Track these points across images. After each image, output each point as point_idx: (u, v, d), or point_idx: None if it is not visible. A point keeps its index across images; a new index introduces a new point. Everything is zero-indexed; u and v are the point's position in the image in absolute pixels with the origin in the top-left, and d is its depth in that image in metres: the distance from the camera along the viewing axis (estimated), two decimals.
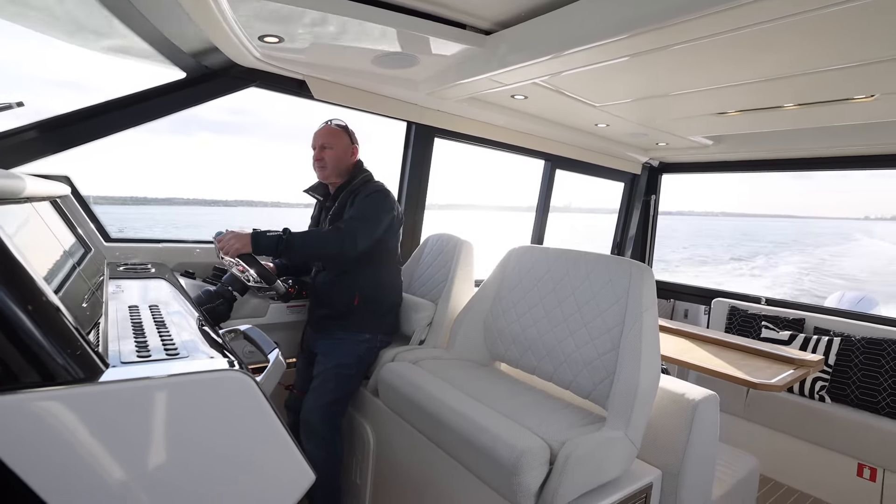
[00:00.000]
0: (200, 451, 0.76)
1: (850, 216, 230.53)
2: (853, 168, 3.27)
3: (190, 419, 0.75)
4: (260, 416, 0.82)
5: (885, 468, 2.46)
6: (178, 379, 0.74)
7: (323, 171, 2.02)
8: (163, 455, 0.73)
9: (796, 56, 1.76)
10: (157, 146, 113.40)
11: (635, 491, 1.43)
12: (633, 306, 1.53)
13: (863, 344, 2.76)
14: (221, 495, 0.79)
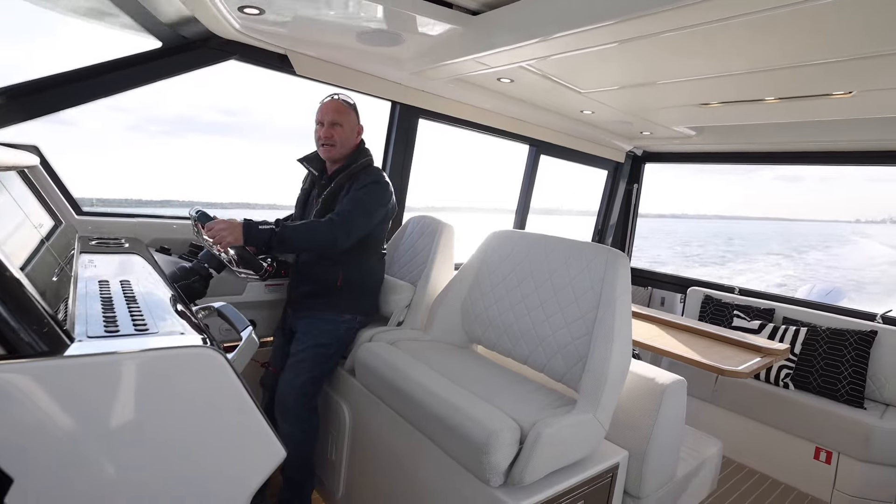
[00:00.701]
0: (169, 427, 0.77)
1: (840, 219, 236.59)
2: (831, 163, 3.34)
3: (158, 395, 0.75)
4: (230, 394, 0.82)
5: (840, 452, 2.57)
6: (146, 354, 0.74)
7: (330, 150, 1.92)
8: (130, 431, 0.73)
9: (777, 49, 1.78)
10: (152, 147, 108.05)
11: (602, 471, 1.47)
12: (607, 293, 1.56)
13: (827, 334, 2.86)
14: (190, 471, 0.80)
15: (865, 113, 2.58)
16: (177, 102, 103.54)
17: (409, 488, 1.57)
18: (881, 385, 2.78)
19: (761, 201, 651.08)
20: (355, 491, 1.87)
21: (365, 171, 1.96)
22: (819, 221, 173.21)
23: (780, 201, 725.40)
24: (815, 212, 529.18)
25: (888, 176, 72.52)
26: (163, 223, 2.15)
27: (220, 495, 0.83)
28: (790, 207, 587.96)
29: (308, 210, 2.06)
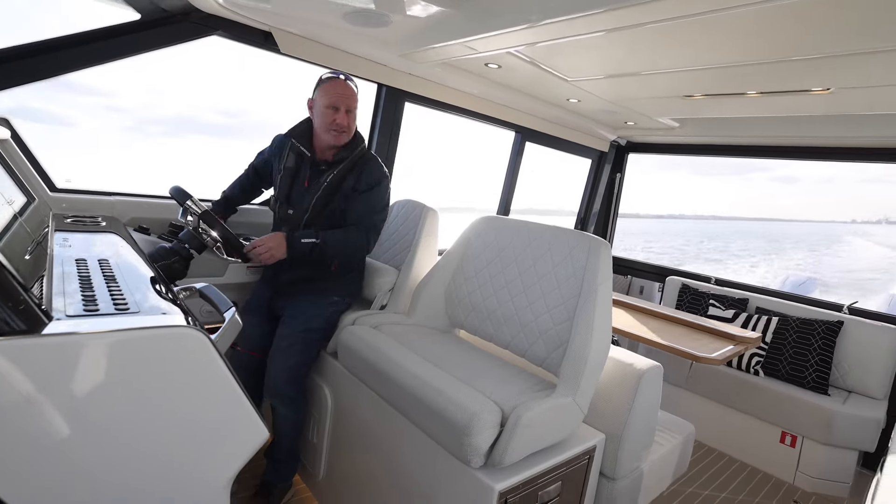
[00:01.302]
0: (151, 407, 0.76)
1: (838, 220, 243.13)
2: (810, 158, 3.41)
3: (140, 375, 0.74)
4: (214, 374, 0.82)
5: (804, 436, 2.68)
6: (129, 334, 0.73)
7: (342, 136, 1.85)
8: (111, 411, 0.72)
9: (759, 44, 1.80)
10: (151, 147, 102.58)
11: (579, 453, 1.51)
12: (589, 280, 1.58)
13: (797, 324, 2.96)
14: (172, 452, 0.80)
15: (843, 110, 2.64)
16: (176, 103, 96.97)
17: (391, 470, 1.59)
18: (845, 373, 2.89)
19: (760, 203, 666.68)
20: (337, 473, 1.89)
21: (368, 164, 1.93)
22: (815, 222, 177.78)
23: (777, 202, 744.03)
24: (810, 212, 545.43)
25: (883, 176, 73.02)
26: (141, 202, 2.10)
27: (203, 476, 0.83)
28: (786, 208, 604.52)
29: (295, 194, 1.95)
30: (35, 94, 1.92)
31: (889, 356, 2.80)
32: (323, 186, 1.89)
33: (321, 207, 1.90)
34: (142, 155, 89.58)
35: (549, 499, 1.44)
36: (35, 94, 1.92)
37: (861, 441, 2.60)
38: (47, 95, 12.96)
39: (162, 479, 0.80)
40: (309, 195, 1.91)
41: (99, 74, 1.86)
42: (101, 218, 1.70)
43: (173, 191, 1.79)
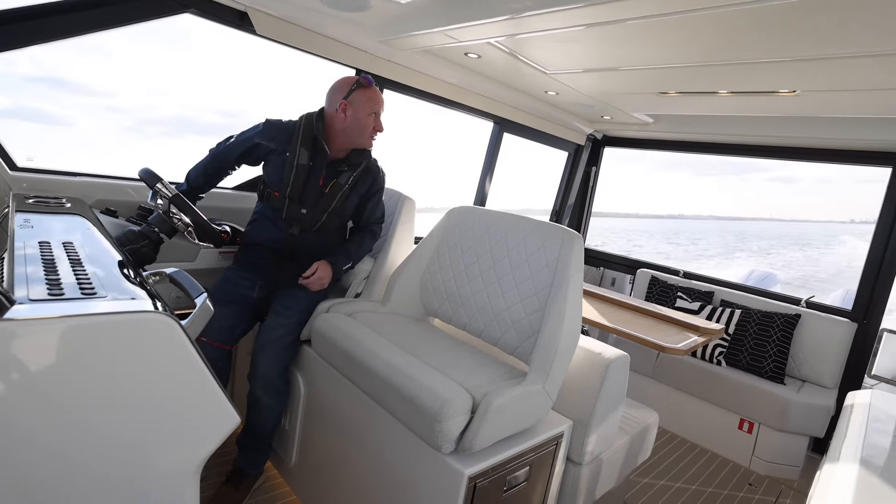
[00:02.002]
0: (119, 393, 0.75)
1: (834, 219, 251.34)
2: (777, 157, 3.52)
3: (108, 361, 0.73)
4: (184, 360, 0.81)
5: (761, 423, 2.82)
6: (96, 319, 0.71)
7: (372, 142, 1.99)
8: (78, 396, 0.71)
9: (732, 45, 1.85)
10: (150, 147, 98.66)
11: (547, 439, 1.56)
12: (561, 271, 1.61)
13: (758, 316, 3.08)
14: (141, 438, 0.79)
15: (808, 112, 2.74)
16: (175, 104, 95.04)
17: (363, 456, 1.61)
18: (800, 363, 3.04)
19: (760, 203, 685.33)
20: (308, 459, 1.89)
21: (375, 167, 2.04)
22: (814, 222, 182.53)
23: (774, 202, 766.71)
24: (810, 212, 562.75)
25: (877, 177, 78.62)
26: (109, 184, 2.04)
27: (173, 461, 0.83)
28: (784, 208, 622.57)
29: (309, 191, 1.88)
30: (33, 94, 1.84)
31: (841, 348, 2.95)
32: (343, 189, 1.92)
33: (335, 208, 1.93)
34: (140, 156, 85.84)
35: (518, 483, 1.48)
36: (33, 94, 1.84)
37: (812, 427, 2.74)
38: (46, 95, 12.01)
39: (131, 464, 0.79)
40: (328, 197, 1.90)
41: (99, 74, 1.78)
42: (66, 199, 1.65)
43: (143, 173, 1.75)
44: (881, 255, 3.00)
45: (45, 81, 53.79)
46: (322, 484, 1.80)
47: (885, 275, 2.99)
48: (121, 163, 2.25)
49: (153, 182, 1.70)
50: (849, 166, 3.31)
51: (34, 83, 52.45)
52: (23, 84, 50.91)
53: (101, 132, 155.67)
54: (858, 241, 51.63)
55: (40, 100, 64.68)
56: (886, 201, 3.01)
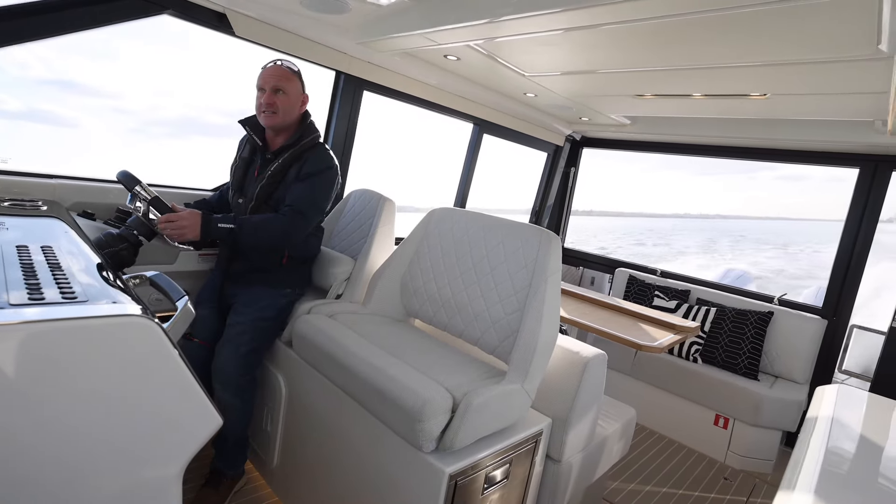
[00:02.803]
0: (102, 397, 0.76)
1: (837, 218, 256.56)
2: (749, 158, 3.62)
3: (91, 365, 0.73)
4: (167, 363, 0.82)
5: (736, 418, 2.90)
6: (78, 323, 0.72)
7: (273, 117, 1.86)
8: (61, 401, 0.72)
9: (704, 50, 1.91)
10: (154, 148, 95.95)
11: (527, 437, 1.59)
12: (539, 271, 1.65)
13: (733, 314, 3.16)
14: (124, 441, 0.80)
15: (779, 114, 2.83)
16: (180, 105, 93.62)
17: (344, 456, 1.62)
18: (773, 359, 3.13)
19: (768, 202, 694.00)
20: (289, 460, 1.90)
21: (314, 153, 1.93)
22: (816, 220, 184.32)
23: (782, 201, 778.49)
24: (817, 211, 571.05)
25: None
26: (85, 186, 2.01)
27: (156, 464, 0.84)
28: (789, 207, 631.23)
29: (247, 183, 1.98)
30: (44, 97, 1.84)
31: (812, 344, 3.05)
32: (268, 175, 1.90)
33: (265, 196, 1.91)
34: (144, 156, 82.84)
35: (498, 480, 1.51)
36: (44, 97, 1.84)
37: (784, 422, 2.83)
38: (56, 97, 11.83)
39: (114, 467, 0.80)
40: (255, 183, 1.93)
41: (106, 77, 1.81)
42: (42, 202, 1.63)
43: (121, 175, 1.73)
44: (849, 253, 3.11)
45: (56, 84, 52.47)
46: (304, 485, 1.81)
47: (854, 272, 3.09)
48: (125, 165, 2.24)
49: (132, 185, 1.69)
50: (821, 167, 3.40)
51: (46, 86, 51.06)
52: (35, 86, 49.76)
53: (107, 133, 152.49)
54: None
55: (50, 102, 63.75)
56: (854, 201, 3.12)
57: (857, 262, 3.08)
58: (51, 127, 62.69)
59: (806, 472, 1.20)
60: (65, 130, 63.48)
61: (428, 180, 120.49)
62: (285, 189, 1.91)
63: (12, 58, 1.42)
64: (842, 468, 1.23)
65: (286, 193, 1.90)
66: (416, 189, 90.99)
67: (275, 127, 1.90)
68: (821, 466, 1.21)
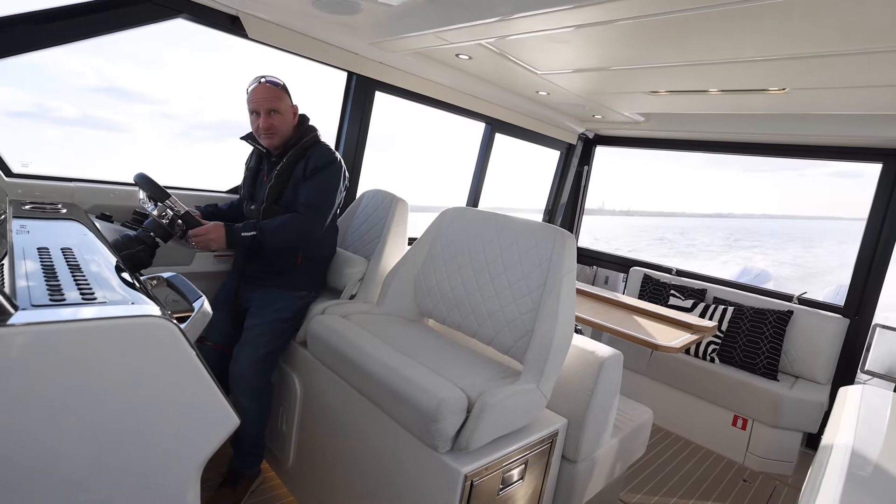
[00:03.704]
0: (121, 397, 0.76)
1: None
2: (766, 155, 3.55)
3: (110, 365, 0.74)
4: (184, 364, 0.83)
5: (755, 419, 2.84)
6: (99, 324, 0.72)
7: (272, 138, 1.91)
8: (81, 400, 0.73)
9: (721, 44, 1.88)
10: (196, 151, 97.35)
11: (543, 437, 1.57)
12: (554, 270, 1.63)
13: (751, 313, 3.11)
14: (142, 441, 0.80)
15: (797, 109, 2.77)
16: (220, 109, 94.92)
17: (359, 457, 1.62)
18: (793, 359, 3.07)
19: (823, 200, 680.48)
20: (305, 460, 1.90)
21: (316, 149, 1.95)
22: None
23: (839, 198, 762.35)
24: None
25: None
26: (103, 188, 2.04)
27: (174, 463, 0.84)
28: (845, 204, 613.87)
29: (258, 189, 2.02)
30: (98, 104, 1.90)
31: (833, 343, 2.99)
32: (275, 175, 1.93)
33: (274, 198, 1.94)
34: (187, 159, 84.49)
35: (513, 481, 1.50)
36: (98, 104, 1.90)
37: (805, 423, 2.77)
38: (108, 104, 12.32)
39: (133, 466, 0.81)
40: (265, 186, 1.96)
41: (154, 83, 1.89)
42: (62, 205, 1.65)
43: (138, 178, 1.75)
44: (872, 250, 3.04)
45: (109, 91, 54.60)
46: (319, 485, 1.82)
47: (877, 270, 3.02)
48: (167, 167, 2.31)
49: (162, 197, 1.71)
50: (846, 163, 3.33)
51: (99, 93, 53.33)
52: (89, 94, 52.13)
53: (156, 138, 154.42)
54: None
55: (104, 109, 66.56)
56: (877, 197, 3.05)
57: (881, 259, 3.01)
58: (104, 133, 64.89)
59: (830, 475, 1.17)
60: (117, 135, 65.04)
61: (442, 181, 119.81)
62: (294, 188, 1.93)
63: (68, 67, 1.46)
64: (868, 471, 1.20)
65: (295, 194, 1.93)
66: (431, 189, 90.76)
67: (275, 145, 1.95)
68: (846, 469, 1.18)
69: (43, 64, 47.45)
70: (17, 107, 50.51)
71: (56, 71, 48.25)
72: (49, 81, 49.32)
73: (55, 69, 48.23)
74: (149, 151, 54.44)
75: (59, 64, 47.66)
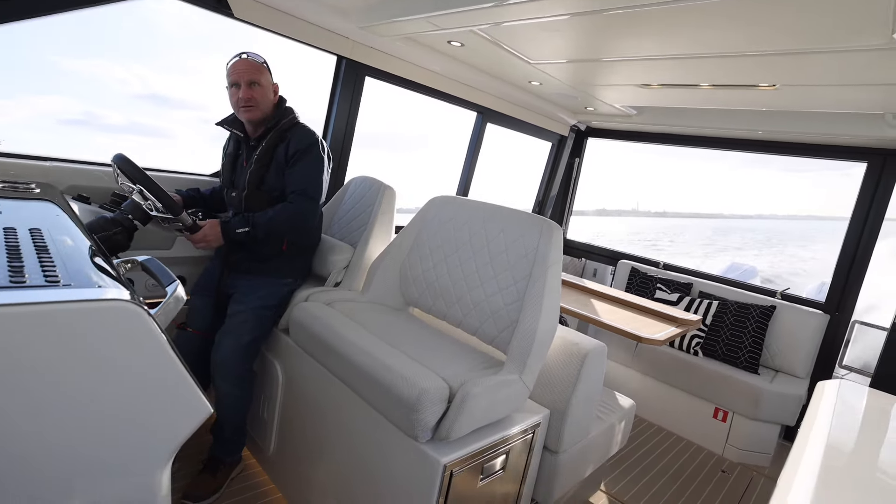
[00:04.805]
0: (85, 383, 0.74)
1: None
2: (756, 151, 3.56)
3: (72, 351, 0.71)
4: (153, 350, 0.80)
5: (735, 411, 2.88)
6: (58, 307, 0.69)
7: (252, 111, 1.85)
8: (40, 387, 0.70)
9: (713, 37, 1.86)
10: (204, 149, 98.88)
11: (524, 428, 1.57)
12: (540, 262, 1.62)
13: (735, 307, 3.14)
14: (109, 429, 0.78)
15: (787, 106, 2.77)
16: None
17: (340, 444, 1.61)
18: (774, 353, 3.11)
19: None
20: (286, 447, 1.89)
21: (296, 131, 1.91)
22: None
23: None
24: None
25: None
26: (81, 169, 1.99)
27: (141, 452, 0.82)
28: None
29: (238, 175, 1.97)
30: (142, 111, 1.90)
31: (813, 339, 3.03)
32: (254, 159, 1.89)
33: (257, 182, 1.90)
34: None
35: (494, 471, 1.50)
36: (142, 111, 1.90)
37: (784, 416, 2.82)
38: (152, 111, 12.19)
39: (99, 453, 0.78)
40: (245, 172, 1.92)
41: (193, 90, 1.89)
42: (36, 184, 1.60)
43: (117, 159, 1.70)
44: (854, 248, 3.08)
45: (152, 99, 53.27)
46: (300, 472, 1.81)
47: (858, 268, 3.06)
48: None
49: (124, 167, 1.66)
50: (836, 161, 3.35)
51: (142, 100, 52.44)
52: (133, 102, 51.21)
53: (198, 142, 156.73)
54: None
55: (148, 115, 65.10)
56: (861, 196, 3.08)
57: (862, 257, 3.05)
58: (150, 139, 64.45)
59: (805, 467, 1.18)
60: (161, 140, 63.88)
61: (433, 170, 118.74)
62: (277, 173, 1.89)
63: (113, 76, 1.45)
64: (841, 463, 1.21)
65: (278, 179, 1.89)
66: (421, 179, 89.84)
67: (254, 120, 1.89)
68: (821, 461, 1.20)
69: (91, 73, 46.19)
70: (69, 115, 50.11)
71: (103, 79, 46.82)
72: (97, 90, 48.42)
73: (102, 78, 46.82)
74: (192, 154, 55.18)
75: (105, 72, 46.43)
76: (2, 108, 3.29)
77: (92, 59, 50.62)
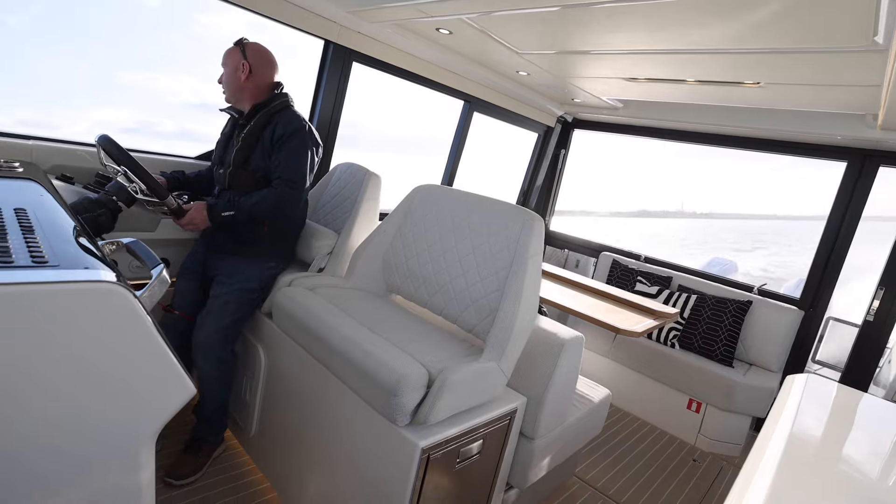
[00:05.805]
0: (70, 363, 0.75)
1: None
2: (739, 148, 3.62)
3: (58, 332, 0.73)
4: (138, 331, 0.82)
5: (708, 403, 2.97)
6: (45, 288, 0.71)
7: (225, 93, 1.97)
8: (26, 366, 0.71)
9: (699, 34, 1.89)
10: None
11: (501, 414, 1.62)
12: (520, 252, 1.66)
13: (713, 302, 3.22)
14: (92, 409, 0.80)
15: (771, 104, 2.82)
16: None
17: (320, 427, 1.64)
18: (749, 347, 3.20)
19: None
20: (268, 430, 1.92)
21: (284, 115, 1.92)
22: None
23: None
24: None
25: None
26: (65, 148, 1.97)
27: (125, 432, 0.84)
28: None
29: (228, 151, 1.99)
30: (191, 118, 1.96)
31: (787, 334, 3.12)
32: (241, 138, 1.91)
33: (242, 160, 1.91)
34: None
35: (471, 455, 1.55)
36: (191, 118, 1.96)
37: (756, 408, 2.91)
38: (200, 118, 11.88)
39: (82, 434, 0.80)
40: (232, 151, 1.94)
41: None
42: (19, 163, 1.59)
43: (101, 140, 1.69)
44: (831, 245, 3.16)
45: (201, 107, 54.38)
46: (281, 453, 1.84)
47: (833, 265, 3.15)
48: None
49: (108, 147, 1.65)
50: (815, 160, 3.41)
51: (193, 108, 52.91)
52: (184, 110, 50.88)
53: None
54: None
55: (197, 123, 65.66)
56: (840, 194, 3.15)
57: (838, 254, 3.13)
58: (199, 144, 64.33)
59: (769, 456, 1.24)
60: (209, 146, 65.14)
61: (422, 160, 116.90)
62: (262, 154, 1.91)
63: (166, 86, 1.53)
64: (803, 454, 1.27)
65: (263, 160, 1.91)
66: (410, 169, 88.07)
67: (228, 101, 1.98)
68: (783, 451, 1.26)
69: (145, 85, 46.39)
70: (126, 124, 50.50)
71: (156, 91, 47.13)
72: (151, 100, 48.07)
73: (156, 89, 46.89)
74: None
75: (158, 84, 47.06)
76: (67, 118, 3.39)
77: (146, 72, 50.31)
